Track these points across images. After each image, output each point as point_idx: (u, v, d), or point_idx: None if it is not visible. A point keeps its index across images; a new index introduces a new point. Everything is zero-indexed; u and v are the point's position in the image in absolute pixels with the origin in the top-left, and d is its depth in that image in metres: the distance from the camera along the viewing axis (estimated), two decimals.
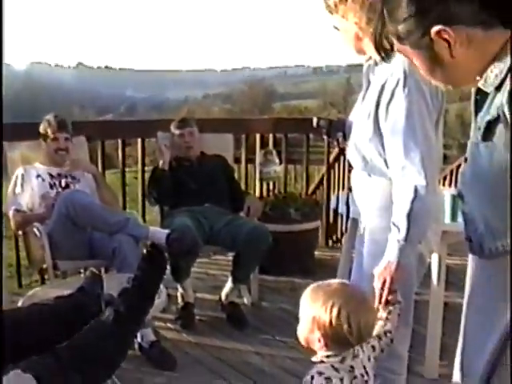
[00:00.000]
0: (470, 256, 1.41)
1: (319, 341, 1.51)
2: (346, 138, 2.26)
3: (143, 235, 3.40)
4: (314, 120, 2.39)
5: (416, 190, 1.92)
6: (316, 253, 5.01)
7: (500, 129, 1.17)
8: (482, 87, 1.24)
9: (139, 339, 3.25)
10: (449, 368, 1.69)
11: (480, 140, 1.23)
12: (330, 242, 5.60)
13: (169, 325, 3.72)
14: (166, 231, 3.45)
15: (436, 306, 2.95)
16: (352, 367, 1.51)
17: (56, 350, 1.87)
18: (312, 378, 1.48)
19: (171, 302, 3.80)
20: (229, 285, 3.91)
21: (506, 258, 1.27)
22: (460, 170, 1.35)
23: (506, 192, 1.18)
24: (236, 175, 4.63)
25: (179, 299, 3.80)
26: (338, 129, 2.29)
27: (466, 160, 1.32)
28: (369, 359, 1.56)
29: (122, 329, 2.18)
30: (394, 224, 1.97)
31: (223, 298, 3.93)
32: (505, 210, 1.20)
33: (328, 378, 1.47)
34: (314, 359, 1.55)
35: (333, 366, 1.50)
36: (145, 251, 2.41)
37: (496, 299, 1.31)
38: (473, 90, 1.31)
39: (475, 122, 1.28)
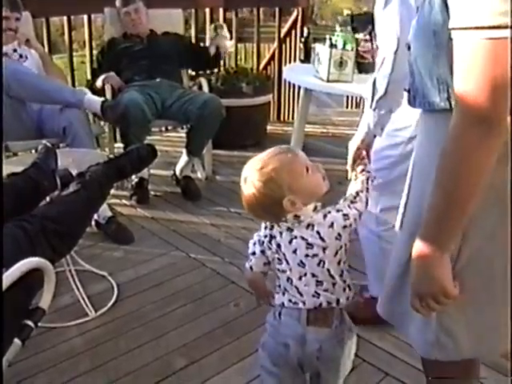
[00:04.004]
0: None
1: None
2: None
3: (79, 101, 3.32)
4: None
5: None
6: (268, 127, 5.03)
7: None
8: None
9: (96, 216, 3.26)
10: None
11: None
12: (282, 117, 5.62)
13: (124, 201, 3.74)
14: (101, 99, 3.41)
15: None
16: (290, 229, 1.52)
17: (22, 222, 1.86)
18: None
19: (126, 179, 3.81)
20: (183, 159, 3.93)
21: (434, 115, 1.29)
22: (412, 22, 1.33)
23: (439, 53, 1.18)
24: None
25: (133, 176, 3.79)
26: (368, 22, 2.20)
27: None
28: (331, 225, 1.50)
29: (87, 205, 2.19)
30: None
31: (177, 172, 3.96)
32: (436, 70, 1.21)
33: (266, 227, 1.58)
34: None
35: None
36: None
37: (429, 151, 1.33)
38: None
39: None
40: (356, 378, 2.17)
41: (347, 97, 6.51)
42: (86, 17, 4.47)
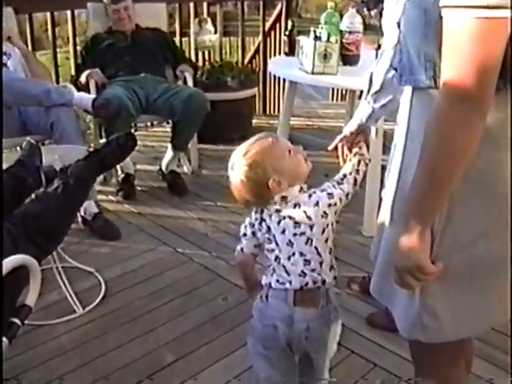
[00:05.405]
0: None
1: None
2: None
3: (69, 102, 3.31)
4: None
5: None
6: (254, 120, 5.03)
7: None
8: None
9: (82, 212, 3.25)
10: None
11: None
12: (268, 110, 5.63)
13: (110, 197, 3.73)
14: (93, 96, 3.41)
15: (374, 169, 3.02)
16: (278, 210, 1.57)
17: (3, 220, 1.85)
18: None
19: (112, 175, 3.80)
20: (169, 154, 3.92)
21: (419, 93, 1.29)
22: None
23: (428, 31, 1.18)
24: None
25: (119, 171, 3.79)
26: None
27: None
28: (316, 204, 1.55)
29: (69, 200, 2.18)
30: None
31: (163, 167, 3.95)
32: (424, 48, 1.21)
33: (256, 211, 1.62)
34: None
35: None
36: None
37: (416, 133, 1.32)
38: None
39: None
40: (345, 369, 2.20)
41: (332, 89, 6.52)
42: (69, 12, 4.43)
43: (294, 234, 1.56)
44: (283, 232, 1.56)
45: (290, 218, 1.55)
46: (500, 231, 1.28)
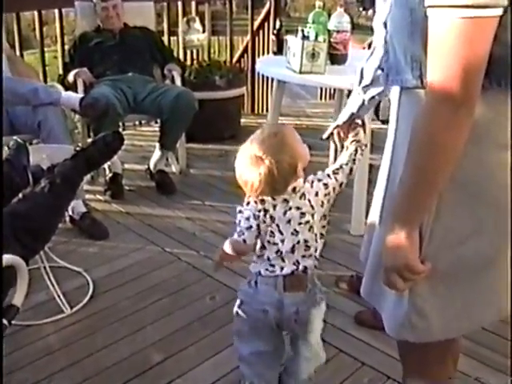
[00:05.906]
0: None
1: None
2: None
3: (56, 101, 3.31)
4: None
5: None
6: (242, 120, 5.03)
7: None
8: None
9: (70, 212, 3.24)
10: None
11: None
12: (256, 109, 5.63)
13: (98, 196, 3.72)
14: (80, 95, 3.41)
15: (362, 168, 3.03)
16: (286, 200, 1.62)
17: None
18: (248, 203, 1.64)
19: (99, 174, 3.79)
20: (157, 153, 3.92)
21: (406, 92, 1.30)
22: None
23: (414, 31, 1.18)
24: None
25: (107, 171, 3.77)
26: None
27: None
28: (316, 194, 1.64)
29: (57, 199, 2.17)
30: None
31: (152, 166, 3.94)
32: (410, 47, 1.21)
33: (256, 202, 1.63)
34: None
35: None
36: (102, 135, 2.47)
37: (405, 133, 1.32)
38: None
39: None
40: (333, 367, 2.20)
41: (321, 88, 6.52)
42: (57, 11, 4.42)
43: (300, 223, 1.62)
44: (289, 222, 1.62)
45: (298, 208, 1.62)
46: (488, 231, 1.28)
